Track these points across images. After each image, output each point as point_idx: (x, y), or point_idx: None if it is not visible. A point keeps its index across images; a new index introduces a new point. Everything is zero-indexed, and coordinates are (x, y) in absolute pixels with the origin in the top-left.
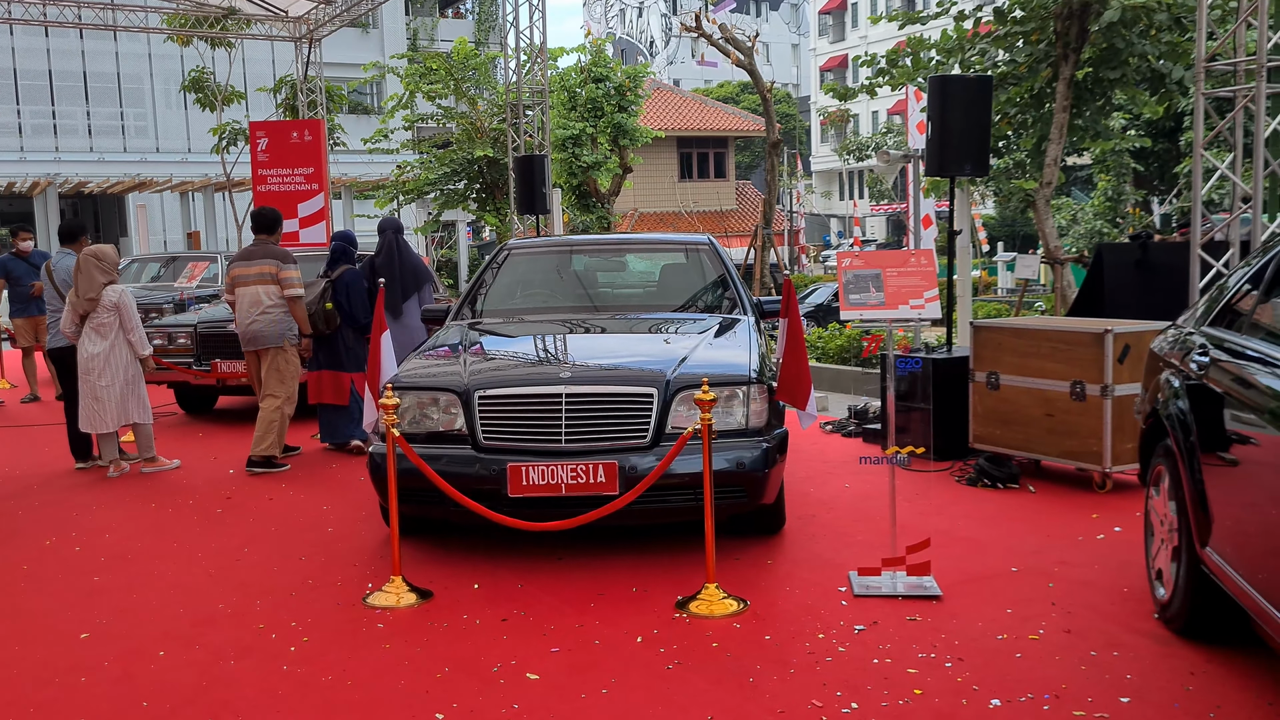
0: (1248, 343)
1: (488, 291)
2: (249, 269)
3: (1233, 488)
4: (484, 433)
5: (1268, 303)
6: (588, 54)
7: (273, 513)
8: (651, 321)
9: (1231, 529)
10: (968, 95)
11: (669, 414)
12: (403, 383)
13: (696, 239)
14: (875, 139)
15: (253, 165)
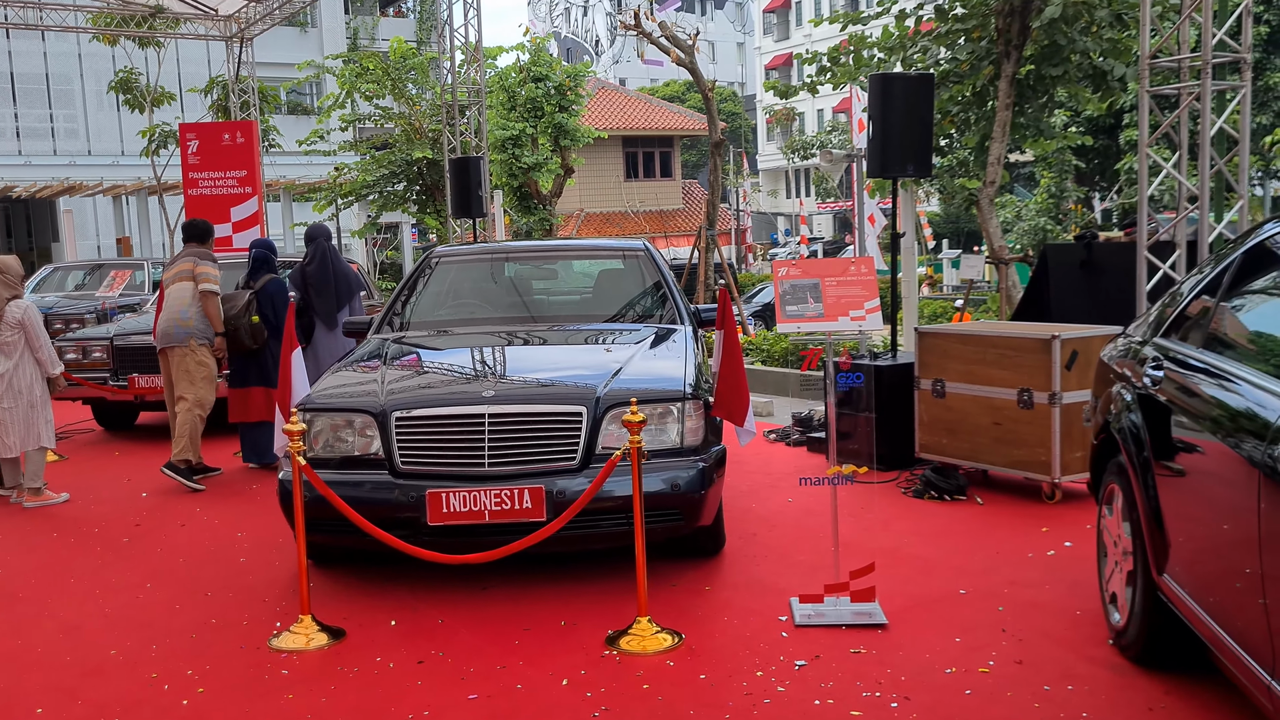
0: (1203, 356)
1: (413, 302)
2: (171, 271)
3: (1189, 510)
4: (402, 457)
5: (1221, 313)
6: (527, 53)
7: (183, 542)
8: (583, 333)
9: (1188, 555)
10: (909, 94)
11: (599, 433)
12: (314, 404)
13: (632, 245)
14: (820, 137)
15: (183, 168)
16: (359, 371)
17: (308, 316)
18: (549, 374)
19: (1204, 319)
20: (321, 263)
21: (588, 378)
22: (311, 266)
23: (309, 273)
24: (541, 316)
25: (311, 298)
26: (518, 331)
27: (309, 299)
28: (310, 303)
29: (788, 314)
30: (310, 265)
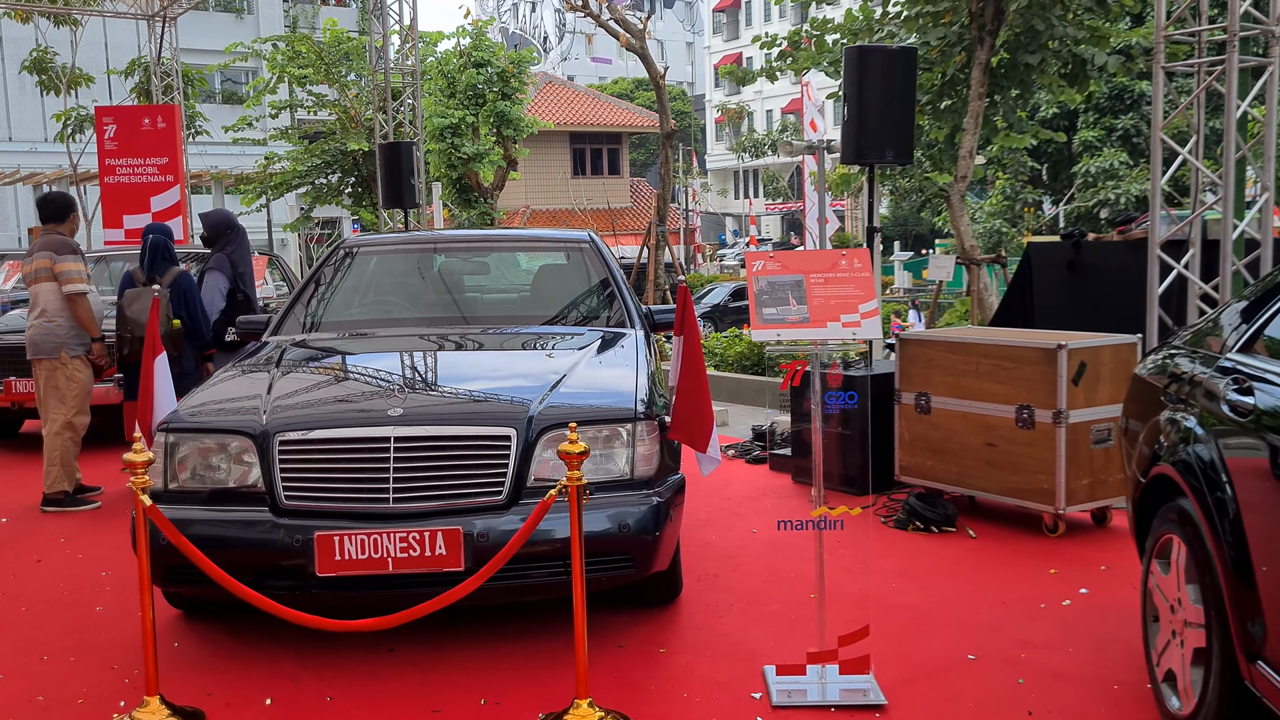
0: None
1: (320, 299)
2: (29, 267)
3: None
4: (286, 490)
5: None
6: (468, 36)
7: (34, 583)
8: (518, 337)
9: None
10: (889, 69)
11: (531, 461)
12: (180, 423)
13: (575, 236)
14: (771, 136)
15: (99, 154)
16: (242, 382)
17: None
18: (473, 388)
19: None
20: (245, 253)
21: (519, 393)
22: (238, 254)
23: (240, 266)
24: (471, 317)
25: (246, 292)
26: (440, 335)
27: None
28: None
29: (765, 318)
30: (237, 253)
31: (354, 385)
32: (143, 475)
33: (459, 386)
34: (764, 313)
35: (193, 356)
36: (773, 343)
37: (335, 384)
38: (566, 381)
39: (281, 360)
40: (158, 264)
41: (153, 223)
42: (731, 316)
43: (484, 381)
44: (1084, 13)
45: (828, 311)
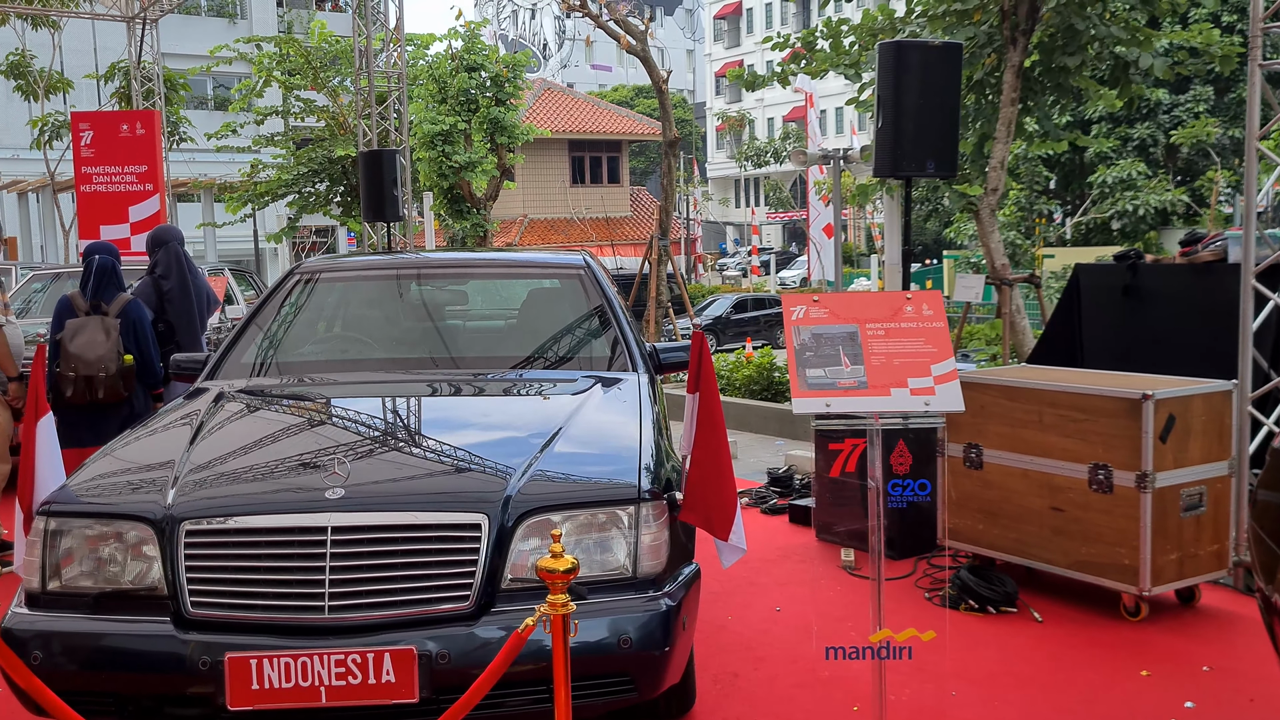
0: None
1: (265, 336)
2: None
3: None
4: (194, 595)
5: None
6: (460, 39)
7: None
8: (496, 385)
9: None
10: (929, 68)
11: (507, 555)
12: (68, 503)
13: (568, 260)
14: (773, 144)
15: (75, 161)
16: (155, 445)
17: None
18: (436, 457)
19: None
20: (180, 276)
21: (494, 463)
22: (170, 281)
23: (168, 289)
24: (443, 359)
25: (173, 321)
26: (404, 383)
27: (169, 323)
28: (171, 328)
29: (809, 382)
30: (167, 279)
31: (288, 453)
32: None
33: (419, 455)
34: (807, 375)
35: (144, 397)
36: (820, 415)
37: (265, 451)
38: (554, 447)
39: (208, 416)
40: (103, 289)
41: (95, 241)
42: (734, 329)
43: (450, 447)
44: (1128, 11)
45: (891, 374)
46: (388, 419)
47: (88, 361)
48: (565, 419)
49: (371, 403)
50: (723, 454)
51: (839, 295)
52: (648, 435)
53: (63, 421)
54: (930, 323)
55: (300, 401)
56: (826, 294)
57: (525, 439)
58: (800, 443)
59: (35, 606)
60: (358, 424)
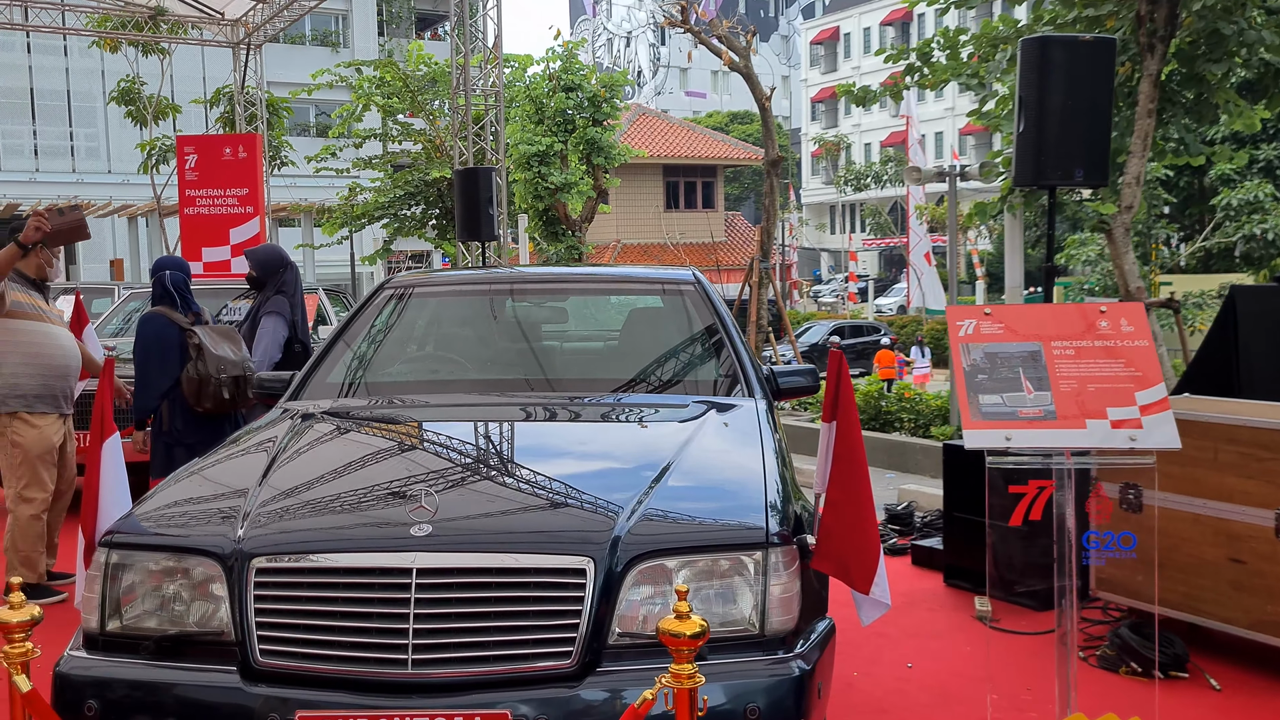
0: None
1: (353, 355)
2: None
3: None
4: (263, 641)
5: None
6: (557, 59)
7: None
8: (599, 410)
9: None
10: (1079, 67)
11: (616, 604)
12: (132, 534)
13: (677, 275)
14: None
15: (180, 185)
16: (230, 471)
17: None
18: (532, 490)
19: None
20: (300, 293)
21: (598, 501)
22: (296, 298)
23: (296, 304)
24: (541, 381)
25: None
26: (500, 408)
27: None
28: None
29: (984, 410)
30: (295, 295)
31: (370, 483)
32: (22, 642)
33: (514, 488)
34: (982, 401)
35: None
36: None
37: (345, 481)
38: (666, 482)
39: (287, 440)
40: (192, 301)
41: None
42: None
43: (550, 480)
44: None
45: (1085, 402)
46: (480, 446)
47: (233, 363)
48: (677, 450)
49: (463, 428)
50: (864, 494)
51: (1016, 307)
52: (772, 469)
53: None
54: (1132, 340)
55: (386, 425)
56: (1001, 306)
57: (633, 471)
58: (913, 476)
59: (94, 649)
60: (447, 452)
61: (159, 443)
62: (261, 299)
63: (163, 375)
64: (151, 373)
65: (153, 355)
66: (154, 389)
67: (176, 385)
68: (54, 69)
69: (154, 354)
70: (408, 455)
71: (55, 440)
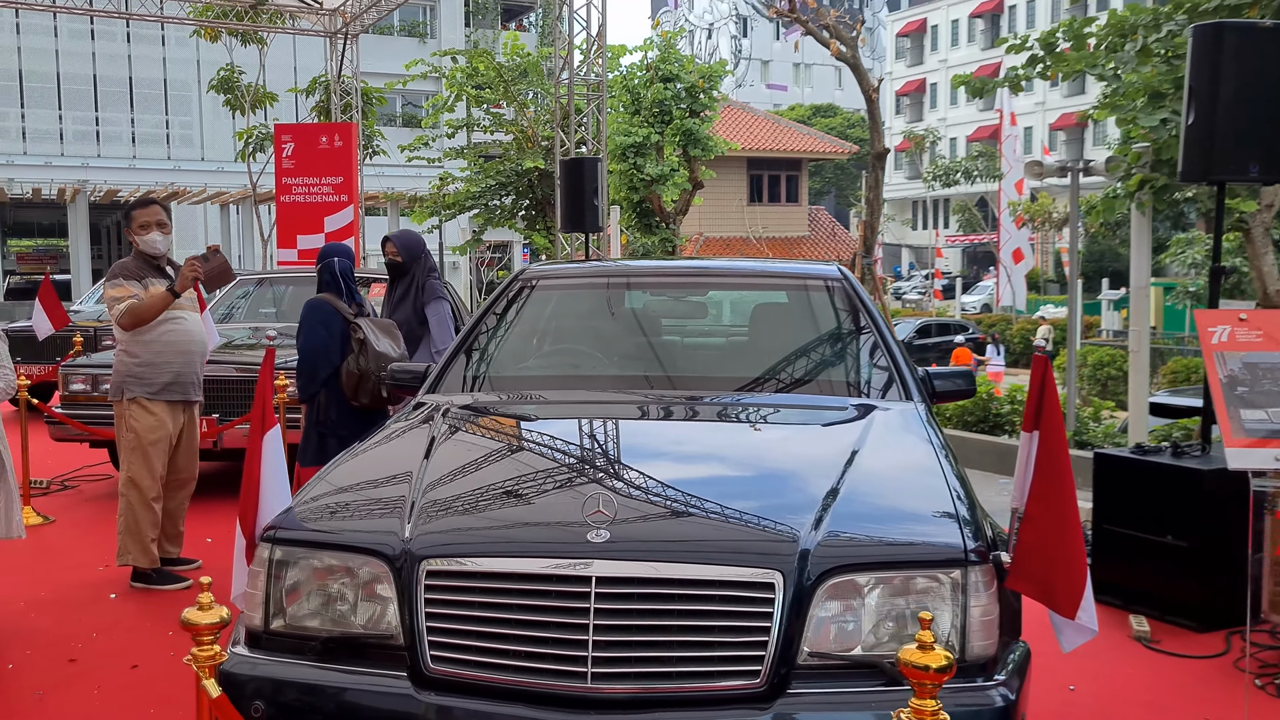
0: None
1: (489, 348)
2: None
3: None
4: (434, 648)
5: None
6: (655, 49)
7: (121, 703)
8: (755, 412)
9: None
10: (1255, 56)
11: (805, 622)
12: (295, 530)
13: (822, 270)
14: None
15: (276, 172)
16: (383, 467)
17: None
18: (707, 498)
19: None
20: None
21: (779, 510)
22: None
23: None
24: (682, 378)
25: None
26: (647, 406)
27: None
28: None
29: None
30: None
31: (538, 485)
32: (210, 645)
33: (688, 495)
34: (1244, 417)
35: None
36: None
37: (510, 481)
38: (845, 491)
39: (438, 436)
40: (356, 292)
41: (332, 243)
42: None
43: (725, 485)
44: None
45: None
46: (645, 448)
47: (393, 358)
48: (848, 455)
49: (621, 427)
50: (1069, 510)
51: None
52: (955, 479)
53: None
54: None
55: (538, 422)
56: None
57: (808, 478)
58: None
59: (257, 647)
60: (612, 452)
61: (312, 431)
62: (408, 284)
63: (325, 364)
64: (315, 360)
65: (317, 343)
66: (315, 377)
67: (335, 376)
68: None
69: (318, 342)
70: (571, 455)
71: (171, 428)
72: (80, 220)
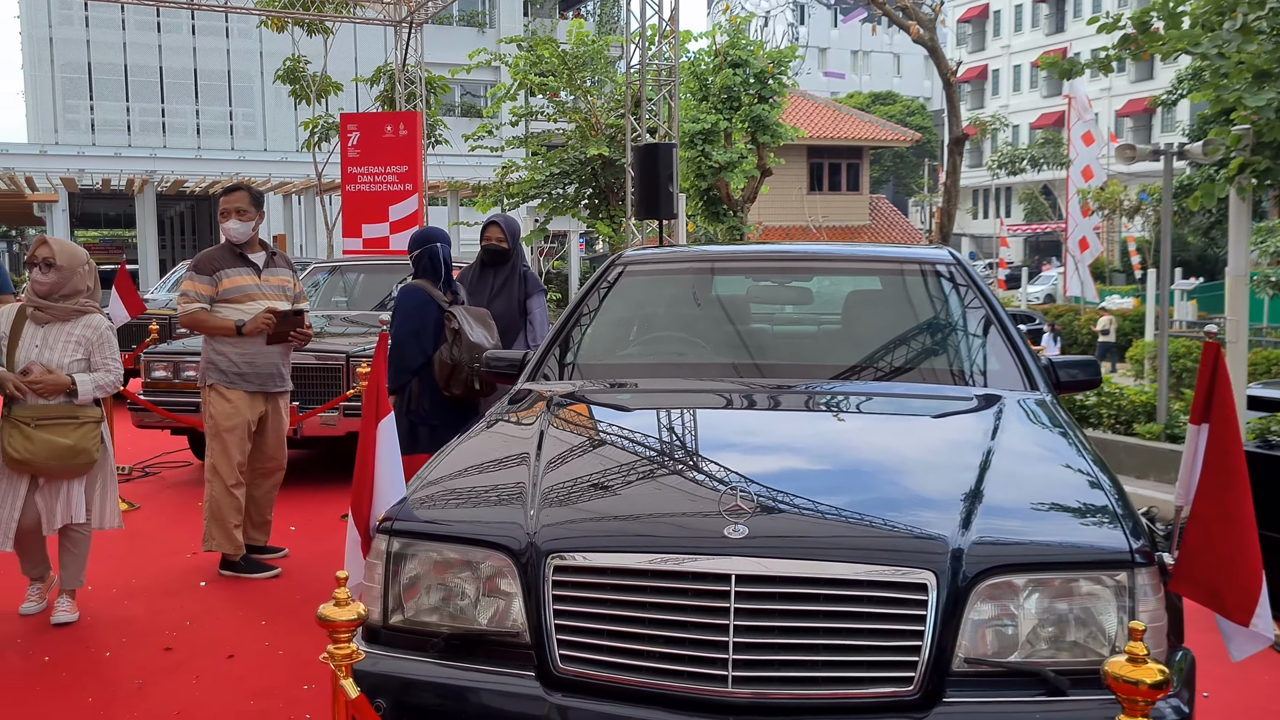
0: None
1: (588, 334)
2: None
3: None
4: (562, 646)
5: None
6: (724, 34)
7: (219, 695)
8: (877, 401)
9: None
10: None
11: (961, 626)
12: (413, 522)
13: (934, 255)
14: (1029, 151)
15: (342, 161)
16: (496, 457)
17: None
18: (844, 492)
19: None
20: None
21: (924, 505)
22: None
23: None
24: (793, 365)
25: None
26: (764, 396)
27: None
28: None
29: None
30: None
31: (664, 476)
32: (347, 643)
33: (827, 488)
34: None
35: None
36: None
37: (633, 472)
38: (991, 487)
39: (548, 425)
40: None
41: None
42: None
43: (863, 479)
44: None
45: None
46: (770, 440)
47: (486, 349)
48: (986, 447)
49: (744, 418)
50: (1243, 508)
51: None
52: (1103, 473)
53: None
54: None
55: (657, 412)
56: None
57: (948, 472)
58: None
59: (376, 642)
60: (737, 445)
61: (403, 420)
62: (508, 272)
63: (418, 353)
64: (408, 348)
65: (410, 330)
66: (408, 365)
67: (427, 365)
68: (216, 50)
69: (411, 329)
70: (693, 446)
71: (249, 416)
72: (147, 210)
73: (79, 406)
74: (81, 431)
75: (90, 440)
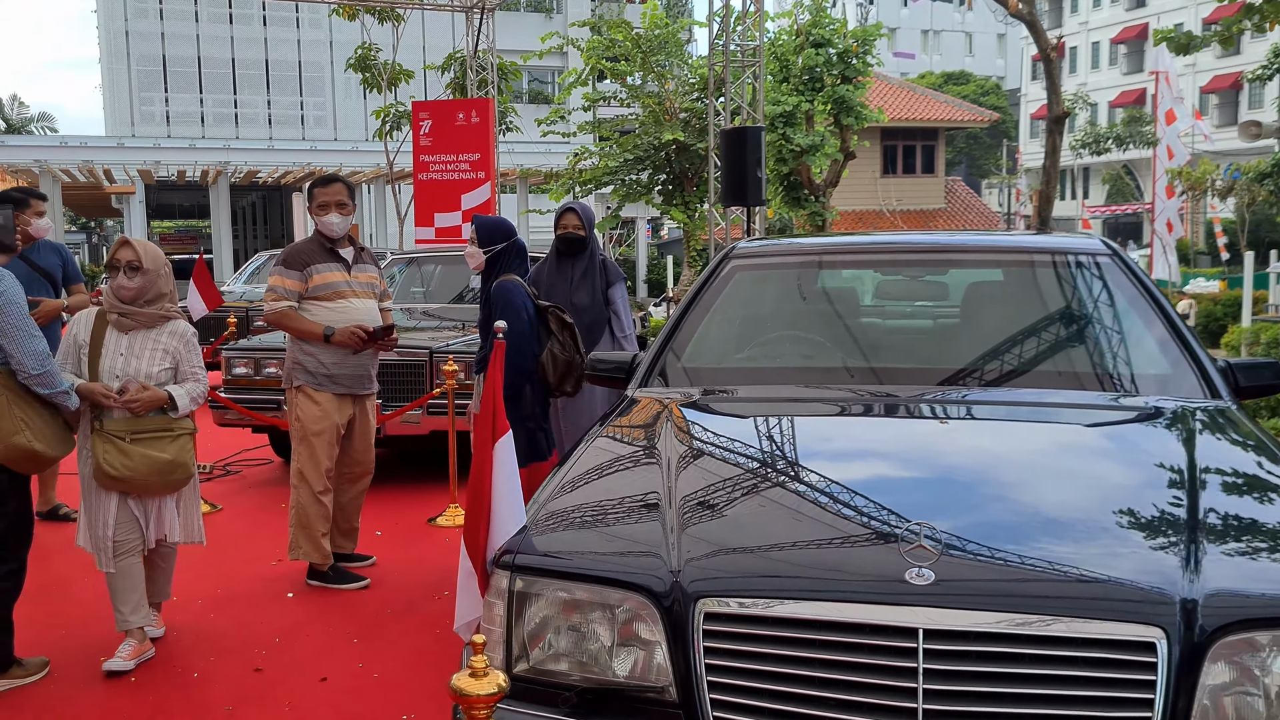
0: None
1: (702, 335)
2: None
3: None
4: (717, 706)
5: None
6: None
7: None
8: (1048, 412)
9: None
10: None
11: (1195, 690)
12: (536, 556)
13: (1087, 245)
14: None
15: (414, 150)
16: (619, 479)
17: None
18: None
19: None
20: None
21: (1138, 545)
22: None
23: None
24: (939, 370)
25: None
26: (918, 406)
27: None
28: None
29: None
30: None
31: (829, 507)
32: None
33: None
34: None
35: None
36: None
37: (784, 500)
38: (1211, 523)
39: (675, 442)
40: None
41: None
42: None
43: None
44: None
45: None
46: (939, 462)
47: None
48: (1187, 472)
49: (904, 435)
50: None
51: None
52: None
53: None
54: None
55: (799, 427)
56: None
57: (1154, 503)
58: None
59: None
60: (904, 469)
61: (520, 428)
62: (586, 261)
63: (529, 354)
64: (525, 349)
65: (521, 330)
66: (522, 368)
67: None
68: (286, 41)
69: (522, 328)
70: (854, 469)
71: (338, 419)
72: (221, 201)
73: (174, 419)
74: (178, 444)
75: (187, 454)
